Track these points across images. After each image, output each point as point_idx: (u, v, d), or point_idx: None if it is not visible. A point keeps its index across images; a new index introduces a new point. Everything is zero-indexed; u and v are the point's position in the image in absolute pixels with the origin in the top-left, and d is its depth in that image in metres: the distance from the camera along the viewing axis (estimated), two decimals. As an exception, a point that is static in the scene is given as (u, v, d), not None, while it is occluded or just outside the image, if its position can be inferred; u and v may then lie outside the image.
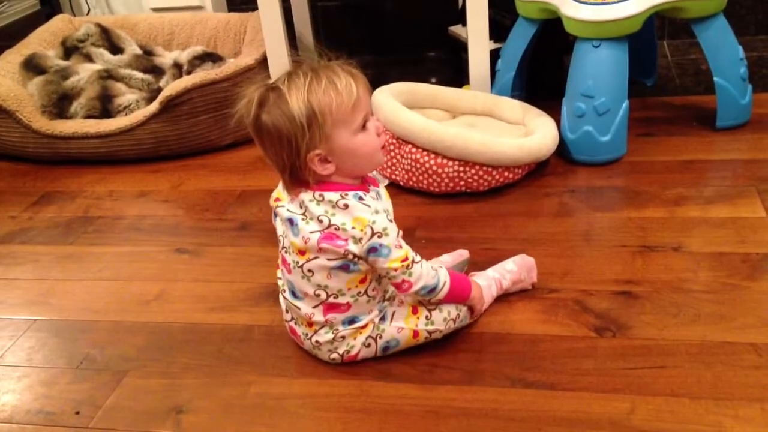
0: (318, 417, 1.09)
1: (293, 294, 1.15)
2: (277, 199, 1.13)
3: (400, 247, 1.08)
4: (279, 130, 1.01)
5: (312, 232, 1.06)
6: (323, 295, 1.11)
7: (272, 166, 1.08)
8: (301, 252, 1.09)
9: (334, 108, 1.01)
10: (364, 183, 1.12)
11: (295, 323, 1.19)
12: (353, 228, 1.04)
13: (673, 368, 1.11)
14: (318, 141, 1.02)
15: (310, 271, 1.10)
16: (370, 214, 1.05)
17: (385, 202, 1.13)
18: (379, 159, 1.11)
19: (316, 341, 1.16)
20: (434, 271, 1.12)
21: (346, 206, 1.05)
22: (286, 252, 1.13)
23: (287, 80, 1.02)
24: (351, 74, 1.04)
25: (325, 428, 1.07)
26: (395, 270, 1.07)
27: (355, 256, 1.06)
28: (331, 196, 1.06)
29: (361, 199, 1.06)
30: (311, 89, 1.00)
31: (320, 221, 1.06)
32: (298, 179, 1.07)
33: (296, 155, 1.03)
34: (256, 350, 1.25)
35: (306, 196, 1.07)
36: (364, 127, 1.06)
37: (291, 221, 1.09)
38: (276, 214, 1.14)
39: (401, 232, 1.09)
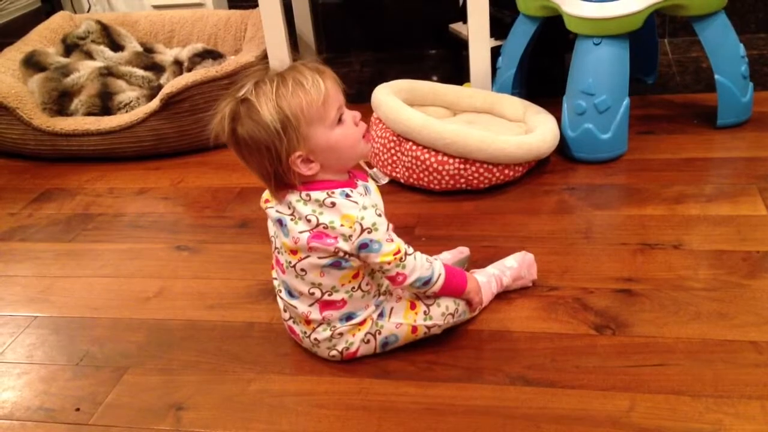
0: (317, 414, 1.09)
1: (289, 293, 1.16)
2: (267, 201, 1.13)
3: (391, 240, 1.08)
4: (256, 140, 1.01)
5: (301, 232, 1.06)
6: (318, 293, 1.11)
7: (257, 176, 1.08)
8: (293, 252, 1.09)
9: (305, 107, 1.00)
10: (351, 178, 1.12)
11: (294, 322, 1.19)
12: (342, 225, 1.04)
13: (673, 366, 1.11)
14: (296, 143, 1.01)
15: (302, 270, 1.10)
16: (358, 210, 1.04)
17: (374, 196, 1.13)
18: (362, 149, 1.10)
19: (315, 339, 1.16)
20: (428, 263, 1.12)
21: (333, 204, 1.05)
22: (278, 252, 1.14)
23: (254, 90, 1.01)
24: (317, 71, 1.03)
25: (324, 425, 1.07)
26: (388, 264, 1.07)
27: (346, 253, 1.06)
28: (318, 195, 1.05)
29: (348, 196, 1.06)
30: (279, 94, 1.00)
31: (308, 221, 1.06)
32: (284, 184, 1.07)
33: (278, 161, 1.02)
34: (256, 347, 1.25)
35: (293, 196, 1.07)
36: (340, 120, 1.05)
37: (280, 222, 1.09)
38: (267, 215, 1.14)
39: (391, 226, 1.09)
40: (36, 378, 1.24)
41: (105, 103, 2.07)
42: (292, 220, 1.07)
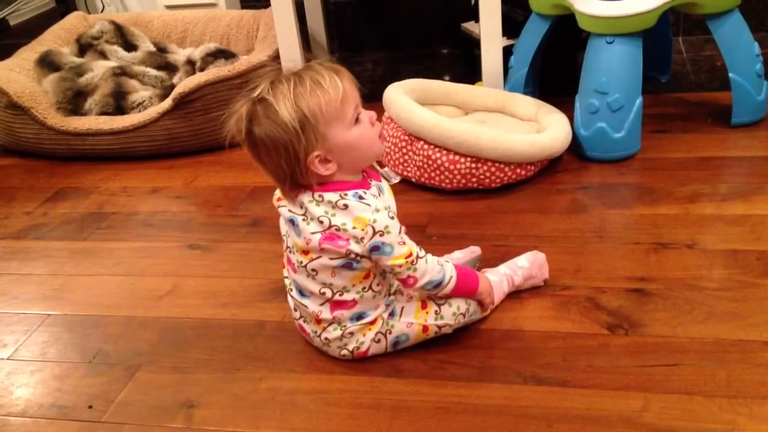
0: (328, 412, 1.10)
1: (300, 293, 1.16)
2: (280, 199, 1.12)
3: (404, 243, 1.07)
4: (274, 140, 1.00)
5: (313, 233, 1.06)
6: (329, 293, 1.11)
7: (271, 177, 1.07)
8: (305, 252, 1.09)
9: (324, 106, 1.00)
10: (364, 179, 1.11)
11: (304, 321, 1.19)
12: (354, 228, 1.04)
13: (686, 366, 1.10)
14: (315, 142, 1.01)
15: (314, 270, 1.09)
16: (371, 213, 1.04)
17: (387, 197, 1.13)
18: (378, 148, 1.10)
19: (325, 338, 1.16)
20: (440, 266, 1.12)
21: (346, 206, 1.04)
22: (290, 252, 1.14)
23: (271, 89, 1.00)
24: (334, 70, 1.03)
25: (335, 423, 1.07)
26: (400, 267, 1.07)
27: (357, 255, 1.06)
28: (331, 196, 1.05)
29: (361, 198, 1.05)
30: (297, 93, 0.99)
31: (321, 222, 1.05)
32: (298, 185, 1.06)
33: (296, 161, 1.02)
34: (268, 345, 1.25)
35: (305, 197, 1.07)
36: (357, 120, 1.05)
37: (292, 222, 1.09)
38: (279, 214, 1.14)
39: (404, 228, 1.09)
40: (49, 375, 1.25)
41: (118, 103, 2.08)
42: (304, 220, 1.07)
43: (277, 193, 1.13)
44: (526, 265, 1.29)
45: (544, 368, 1.13)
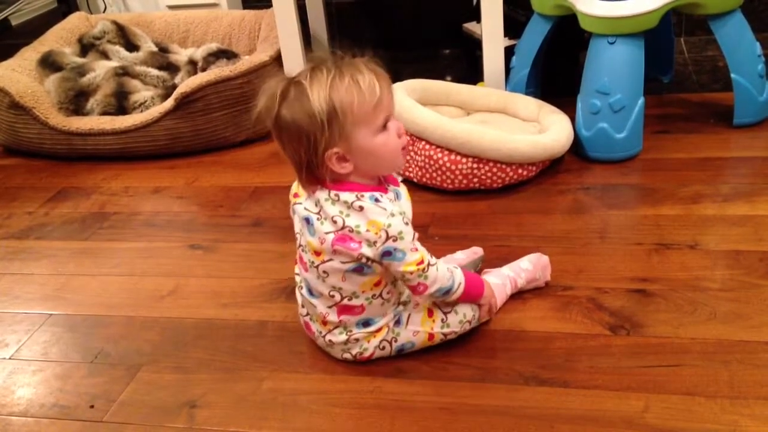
0: (330, 413, 1.10)
1: (310, 292, 1.15)
2: (296, 195, 1.11)
3: (416, 250, 1.06)
4: (298, 125, 0.99)
5: (327, 233, 1.05)
6: (337, 297, 1.11)
7: (289, 161, 1.06)
8: (317, 253, 1.08)
9: (356, 106, 0.98)
10: (382, 183, 1.10)
11: (310, 319, 1.19)
12: (368, 231, 1.03)
13: (688, 367, 1.10)
14: (337, 139, 1.00)
15: (324, 272, 1.09)
16: (386, 217, 1.03)
17: (404, 202, 1.11)
18: (399, 161, 1.08)
19: (330, 340, 1.15)
20: (449, 273, 1.11)
21: (361, 208, 1.03)
22: (302, 250, 1.12)
23: (310, 75, 0.99)
24: (375, 73, 1.01)
25: (337, 424, 1.07)
26: (411, 274, 1.06)
27: (368, 259, 1.05)
28: (347, 196, 1.04)
29: (377, 201, 1.04)
30: (333, 86, 0.98)
31: (334, 222, 1.04)
32: (314, 176, 1.05)
33: (314, 152, 1.01)
34: (269, 346, 1.25)
35: (322, 194, 1.05)
36: (385, 127, 1.04)
37: (307, 220, 1.08)
38: (294, 211, 1.13)
39: (417, 235, 1.08)
40: (51, 375, 1.25)
41: (120, 103, 2.08)
42: (318, 219, 1.06)
43: (293, 189, 1.12)
44: (530, 268, 1.29)
45: (545, 369, 1.13)
